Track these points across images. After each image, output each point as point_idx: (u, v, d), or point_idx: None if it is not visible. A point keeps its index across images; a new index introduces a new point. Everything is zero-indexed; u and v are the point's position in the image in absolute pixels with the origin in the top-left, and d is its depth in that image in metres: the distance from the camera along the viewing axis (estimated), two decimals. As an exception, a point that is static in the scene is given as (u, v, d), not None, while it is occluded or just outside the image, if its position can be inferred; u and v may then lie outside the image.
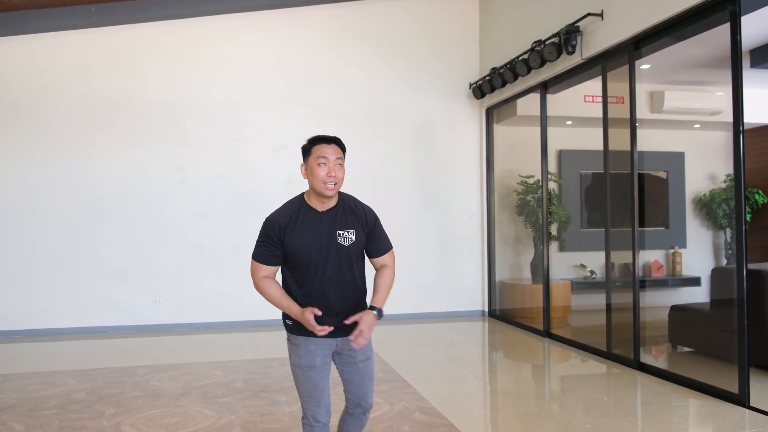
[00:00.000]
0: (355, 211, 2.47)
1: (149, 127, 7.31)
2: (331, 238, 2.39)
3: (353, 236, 2.42)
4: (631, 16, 5.02)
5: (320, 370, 2.45)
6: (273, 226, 2.40)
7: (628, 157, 5.40)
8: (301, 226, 2.38)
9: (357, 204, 2.52)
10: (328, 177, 2.34)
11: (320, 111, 7.66)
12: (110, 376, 4.96)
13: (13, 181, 7.02)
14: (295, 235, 2.37)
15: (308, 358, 2.43)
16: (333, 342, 2.46)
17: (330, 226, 2.40)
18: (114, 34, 7.25)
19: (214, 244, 7.38)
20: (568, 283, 7.47)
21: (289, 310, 2.41)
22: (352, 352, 2.48)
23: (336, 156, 2.39)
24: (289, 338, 2.52)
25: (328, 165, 2.35)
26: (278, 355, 5.72)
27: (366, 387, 2.53)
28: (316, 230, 2.39)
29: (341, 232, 2.40)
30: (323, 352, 2.45)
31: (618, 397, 4.42)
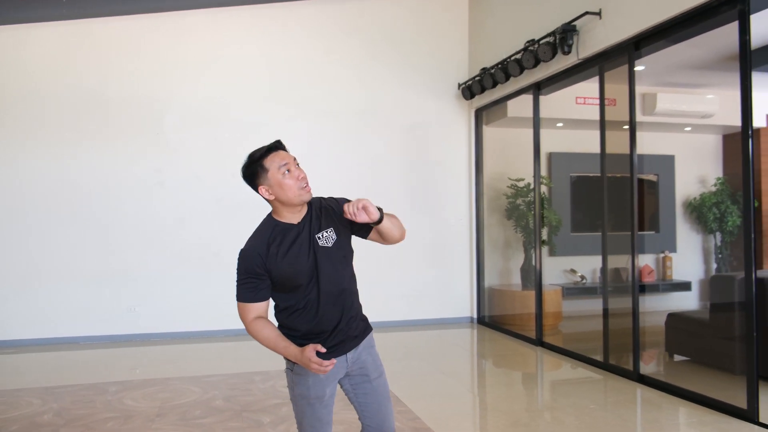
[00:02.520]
0: (325, 208, 2.26)
1: (125, 126, 6.95)
2: (315, 246, 2.17)
3: (334, 234, 2.21)
4: (632, 15, 4.83)
5: (328, 402, 2.23)
6: (253, 259, 2.13)
7: (622, 159, 5.22)
8: (284, 248, 2.15)
9: (323, 201, 2.29)
10: (300, 180, 2.14)
11: (306, 110, 7.37)
12: (80, 395, 4.61)
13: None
14: (281, 260, 2.13)
15: (317, 389, 2.19)
16: (344, 360, 2.22)
17: (308, 234, 2.18)
18: (87, 27, 6.88)
19: (194, 249, 7.04)
20: (558, 289, 7.28)
21: (285, 352, 2.12)
22: (363, 369, 2.26)
23: (293, 158, 2.19)
24: (292, 368, 2.23)
25: (293, 169, 2.14)
26: (261, 368, 5.41)
27: (385, 409, 2.29)
28: (301, 245, 2.16)
29: (320, 234, 2.19)
30: (334, 378, 2.23)
31: (621, 414, 4.21)
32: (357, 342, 2.25)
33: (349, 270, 2.28)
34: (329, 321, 2.18)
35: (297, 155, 2.32)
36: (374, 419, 2.28)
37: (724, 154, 8.30)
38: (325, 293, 2.16)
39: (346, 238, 2.26)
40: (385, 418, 2.29)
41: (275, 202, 2.19)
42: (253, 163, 2.19)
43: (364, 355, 2.27)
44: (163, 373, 5.30)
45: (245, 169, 2.22)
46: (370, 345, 2.32)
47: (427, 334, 7.11)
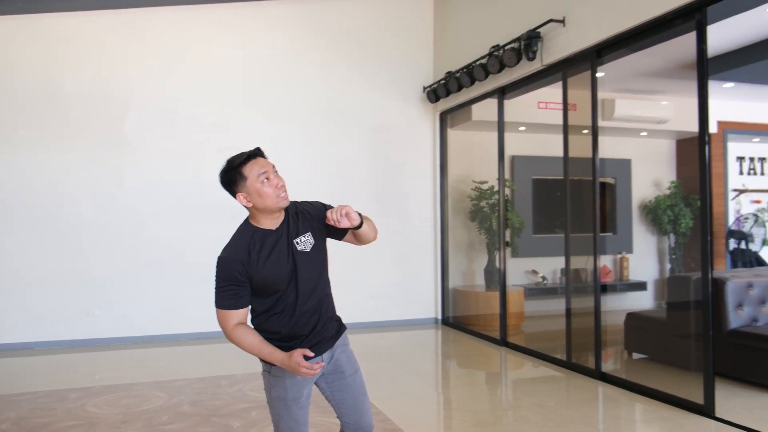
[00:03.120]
0: (302, 213, 2.28)
1: (83, 125, 6.75)
2: (293, 251, 2.19)
3: (312, 239, 2.24)
4: (595, 24, 4.97)
5: (304, 403, 2.27)
6: (235, 265, 2.12)
7: (583, 163, 5.36)
8: (264, 254, 2.15)
9: (299, 206, 2.31)
10: (279, 188, 2.16)
11: (272, 111, 7.32)
12: (39, 402, 4.47)
13: (-75, 183, 6.33)
14: (264, 266, 2.13)
15: (295, 390, 2.23)
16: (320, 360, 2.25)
17: (286, 240, 2.20)
18: (43, 22, 6.65)
19: (155, 251, 6.89)
20: (521, 289, 7.42)
21: (271, 357, 2.13)
22: (338, 367, 2.31)
23: (272, 165, 2.21)
24: (269, 370, 2.25)
25: (272, 177, 2.16)
26: (227, 372, 5.35)
27: (362, 405, 2.34)
28: (280, 251, 2.17)
29: (297, 240, 2.20)
30: (311, 380, 2.26)
31: (582, 410, 4.33)
32: (332, 342, 2.29)
33: (325, 273, 2.31)
34: (306, 324, 2.21)
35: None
36: (352, 415, 2.32)
37: (678, 159, 8.62)
38: (302, 297, 2.19)
39: (322, 242, 2.29)
40: (363, 414, 2.33)
41: (253, 209, 2.19)
42: (231, 170, 2.17)
43: (338, 353, 2.32)
44: (126, 378, 5.17)
45: (223, 176, 2.20)
46: (345, 343, 2.37)
47: (393, 336, 7.14)
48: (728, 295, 4.94)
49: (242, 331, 2.15)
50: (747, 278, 5.15)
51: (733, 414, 4.03)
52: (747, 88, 7.71)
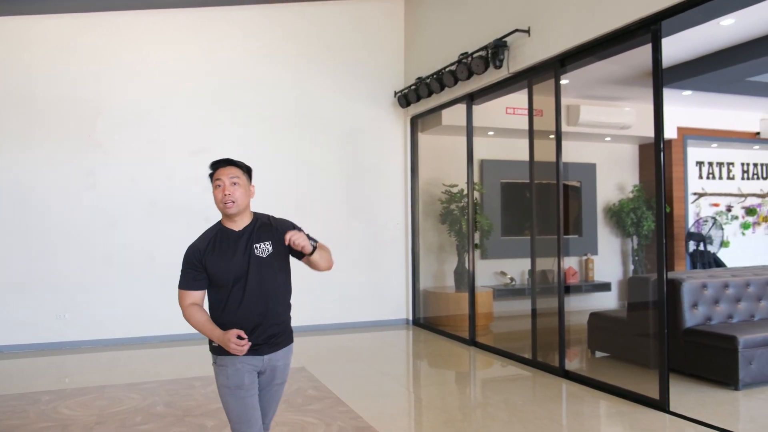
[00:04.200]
0: (268, 224, 2.57)
1: (53, 126, 6.72)
2: (250, 253, 2.48)
3: (270, 247, 2.51)
4: (558, 35, 5.17)
5: (249, 388, 2.48)
6: (194, 253, 2.50)
7: (549, 167, 5.56)
8: (220, 248, 2.48)
9: (271, 218, 2.62)
10: (225, 197, 2.46)
11: (243, 114, 7.37)
12: (9, 405, 4.47)
13: None
14: (215, 258, 2.47)
15: (236, 378, 2.46)
16: (260, 360, 2.50)
17: (247, 243, 2.49)
18: (12, 23, 6.61)
19: (126, 253, 6.89)
20: (490, 290, 7.61)
21: (211, 334, 2.42)
22: (273, 373, 2.56)
23: (230, 176, 2.49)
24: (216, 360, 2.53)
25: (223, 186, 2.47)
26: (200, 373, 5.40)
27: (269, 409, 2.62)
28: (235, 248, 2.48)
29: (258, 245, 2.50)
30: (250, 371, 2.48)
31: (547, 407, 4.51)
32: (276, 349, 2.54)
33: (277, 281, 2.53)
34: (249, 321, 2.45)
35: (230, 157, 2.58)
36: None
37: (640, 163, 8.93)
38: (249, 296, 2.46)
39: (281, 254, 2.55)
40: (267, 414, 2.61)
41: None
42: (210, 172, 2.58)
43: (280, 361, 2.57)
44: (98, 381, 5.19)
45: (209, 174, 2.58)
46: (287, 354, 2.62)
47: (364, 336, 7.26)
48: (684, 295, 5.18)
49: (194, 309, 2.49)
50: (702, 279, 5.40)
51: (686, 408, 4.25)
52: (705, 96, 8.04)
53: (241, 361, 2.45)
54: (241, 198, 2.49)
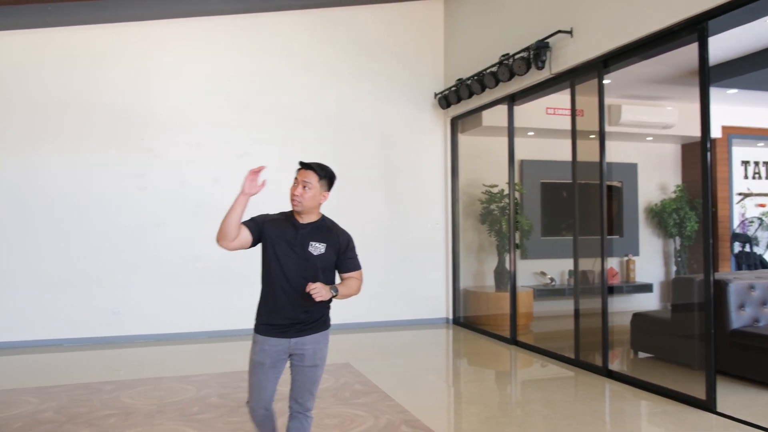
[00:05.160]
0: (330, 230, 2.86)
1: (105, 131, 7.02)
2: (304, 245, 2.78)
3: (323, 249, 2.80)
4: (601, 35, 5.20)
5: (268, 371, 2.79)
6: (262, 215, 2.86)
7: (591, 167, 5.58)
8: (279, 224, 2.82)
9: (334, 226, 2.90)
10: (293, 195, 2.78)
11: (285, 119, 7.57)
12: (75, 394, 4.73)
13: (-42, 186, 6.61)
14: (271, 227, 2.80)
15: (261, 356, 2.78)
16: (287, 342, 2.78)
17: (305, 236, 2.79)
18: (69, 34, 6.95)
19: (173, 253, 7.15)
20: (530, 290, 7.63)
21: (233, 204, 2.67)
22: (302, 357, 2.81)
23: (304, 179, 2.77)
24: (253, 336, 2.85)
25: (296, 186, 2.78)
26: (247, 367, 5.58)
27: (304, 388, 2.84)
28: (293, 235, 2.79)
29: (313, 242, 2.79)
30: (276, 354, 2.78)
31: (591, 405, 4.55)
32: (303, 334, 2.80)
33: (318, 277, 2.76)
34: (283, 303, 2.76)
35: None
36: (294, 392, 2.86)
37: (683, 163, 8.82)
38: (288, 281, 2.75)
39: (330, 257, 2.83)
40: (302, 393, 2.84)
41: None
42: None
43: (308, 346, 2.80)
44: (152, 372, 5.43)
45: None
46: (317, 341, 2.84)
47: (404, 334, 7.38)
48: (730, 296, 5.14)
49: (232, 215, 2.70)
50: (749, 280, 5.35)
51: (733, 409, 4.24)
52: (751, 94, 7.91)
53: (269, 344, 2.77)
54: (307, 200, 2.75)
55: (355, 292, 2.88)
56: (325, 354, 2.89)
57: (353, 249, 2.92)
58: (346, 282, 2.87)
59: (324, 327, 2.89)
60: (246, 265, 6.27)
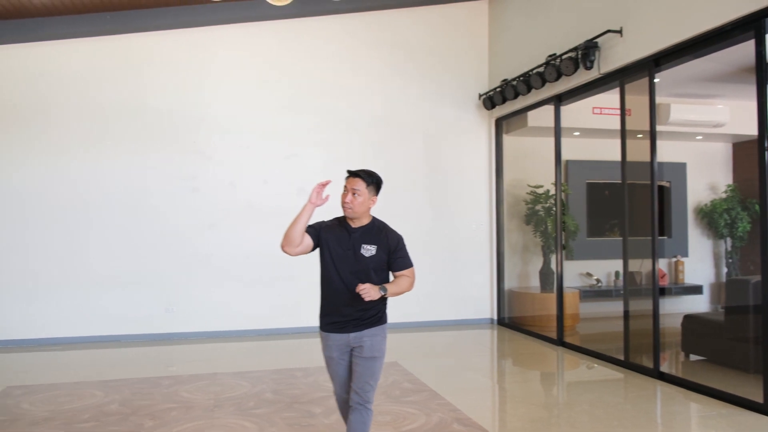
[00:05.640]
0: (381, 232, 3.04)
1: (160, 135, 7.28)
2: (356, 248, 2.98)
3: (374, 250, 2.99)
4: (652, 34, 5.15)
5: (338, 361, 3.05)
6: (320, 222, 3.09)
7: (641, 167, 5.52)
8: (333, 230, 3.04)
9: (385, 228, 3.09)
10: (344, 202, 2.97)
11: (331, 121, 7.71)
12: (137, 388, 4.94)
13: (23, 189, 6.93)
14: (327, 232, 3.03)
15: (328, 351, 3.05)
16: (347, 337, 2.99)
17: (357, 240, 2.99)
18: (124, 41, 7.21)
19: (224, 253, 7.35)
20: (576, 291, 7.58)
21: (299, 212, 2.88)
22: (360, 349, 3.00)
23: (353, 186, 2.96)
24: (319, 333, 3.11)
25: (346, 194, 2.96)
26: (298, 364, 5.73)
27: (363, 379, 2.98)
28: (347, 239, 2.99)
29: (365, 245, 2.99)
30: (340, 348, 3.01)
31: (643, 406, 4.52)
32: (360, 329, 2.99)
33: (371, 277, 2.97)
34: (340, 302, 2.98)
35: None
36: (354, 383, 3.00)
37: (734, 162, 8.60)
38: (345, 283, 2.95)
39: (382, 257, 3.02)
40: (361, 385, 2.98)
41: None
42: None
43: (366, 339, 2.99)
44: (207, 369, 5.61)
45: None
46: (374, 334, 3.02)
47: (449, 334, 7.42)
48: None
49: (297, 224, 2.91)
50: (807, 281, 5.20)
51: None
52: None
53: (332, 339, 3.01)
54: (357, 206, 2.95)
55: (405, 289, 3.04)
56: (383, 347, 3.05)
57: (403, 248, 3.08)
58: (397, 280, 3.04)
59: (381, 322, 3.06)
60: (293, 266, 6.45)
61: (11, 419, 4.18)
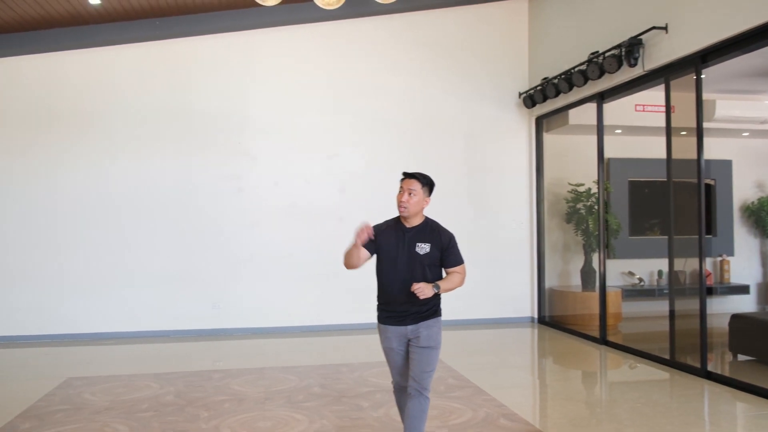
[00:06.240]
0: (433, 231, 3.20)
1: (206, 136, 7.48)
2: (411, 246, 3.14)
3: (428, 248, 3.15)
4: (699, 30, 5.09)
5: (396, 351, 3.21)
6: (376, 228, 3.21)
7: (685, 164, 5.46)
8: (388, 232, 3.20)
9: (437, 227, 3.25)
10: (400, 202, 3.15)
11: (372, 121, 7.81)
12: (189, 380, 5.12)
13: (77, 190, 7.22)
14: (382, 237, 3.18)
15: (387, 342, 3.22)
16: (405, 329, 3.15)
17: (412, 239, 3.16)
18: (172, 46, 7.44)
19: (268, 251, 7.52)
20: (619, 290, 7.51)
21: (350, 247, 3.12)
22: (417, 339, 3.14)
23: (409, 187, 3.16)
24: (377, 326, 3.27)
25: (402, 194, 3.15)
26: (343, 360, 5.84)
27: (421, 368, 3.12)
28: (401, 239, 3.17)
29: (419, 243, 3.15)
30: (398, 339, 3.17)
31: (692, 405, 4.48)
32: (416, 321, 3.14)
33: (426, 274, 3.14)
34: (395, 297, 3.13)
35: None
36: (412, 371, 3.14)
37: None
38: (402, 280, 3.11)
39: (436, 255, 3.17)
40: (419, 373, 3.12)
41: None
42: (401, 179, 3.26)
43: (422, 329, 3.14)
44: (255, 363, 5.77)
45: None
46: (430, 326, 3.16)
47: (492, 333, 7.45)
48: (842, 297, 4.92)
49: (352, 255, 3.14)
50: None
51: None
52: None
53: (390, 331, 3.17)
54: (412, 206, 3.13)
55: (457, 284, 3.22)
56: (438, 338, 3.18)
57: (455, 246, 3.23)
58: (449, 277, 3.20)
59: (436, 315, 3.21)
60: (336, 264, 6.55)
61: (75, 408, 4.39)
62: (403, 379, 3.23)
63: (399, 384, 3.30)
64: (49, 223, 7.19)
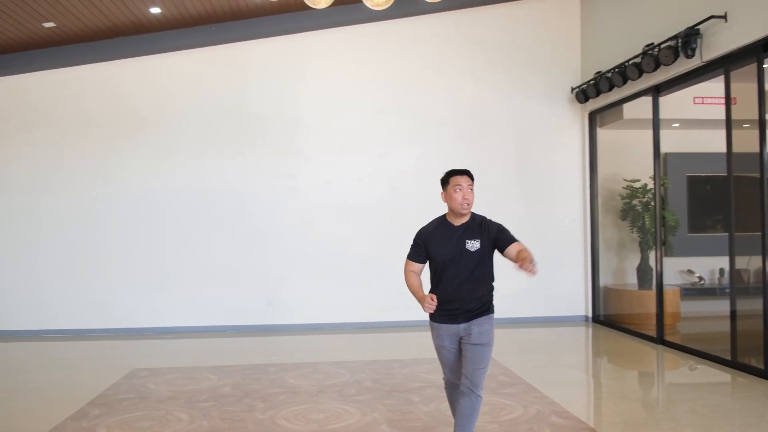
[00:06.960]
0: (481, 225, 3.18)
1: (260, 137, 7.70)
2: (462, 245, 3.12)
3: (478, 244, 3.13)
4: (760, 18, 4.90)
5: (449, 348, 3.22)
6: (422, 235, 3.24)
7: (748, 159, 5.26)
8: (440, 236, 3.18)
9: (484, 220, 3.22)
10: (463, 200, 3.11)
11: (422, 119, 7.85)
12: (246, 373, 5.30)
13: (140, 190, 7.57)
14: (435, 242, 3.18)
15: (439, 340, 3.23)
16: (457, 327, 3.16)
17: (462, 236, 3.14)
18: (227, 50, 7.69)
19: (320, 249, 7.66)
20: (677, 289, 7.30)
21: (416, 294, 3.15)
22: (469, 336, 3.15)
23: (467, 183, 3.14)
24: (430, 324, 3.27)
25: (462, 191, 3.11)
26: (395, 356, 5.91)
27: (473, 365, 3.12)
28: (451, 239, 3.15)
29: (469, 240, 3.13)
30: (450, 336, 3.18)
31: (756, 408, 4.33)
32: (469, 318, 3.14)
33: (479, 270, 3.14)
34: (452, 295, 3.12)
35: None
36: (464, 368, 3.14)
37: None
38: (456, 278, 3.12)
39: (487, 250, 3.16)
40: (471, 371, 3.11)
41: (448, 206, 3.20)
42: (446, 176, 3.23)
43: (474, 327, 3.13)
44: (308, 358, 5.91)
45: (443, 177, 3.24)
46: (482, 322, 3.15)
47: (545, 331, 7.37)
48: None
49: (413, 276, 3.22)
50: None
51: None
52: None
53: (443, 329, 3.18)
54: (472, 201, 3.15)
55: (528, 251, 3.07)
56: (491, 335, 3.17)
57: (506, 230, 3.18)
58: (521, 253, 3.04)
59: (488, 312, 3.20)
60: (386, 262, 6.67)
61: (140, 397, 4.62)
62: (455, 376, 3.23)
63: (450, 381, 3.30)
64: (113, 223, 7.55)
